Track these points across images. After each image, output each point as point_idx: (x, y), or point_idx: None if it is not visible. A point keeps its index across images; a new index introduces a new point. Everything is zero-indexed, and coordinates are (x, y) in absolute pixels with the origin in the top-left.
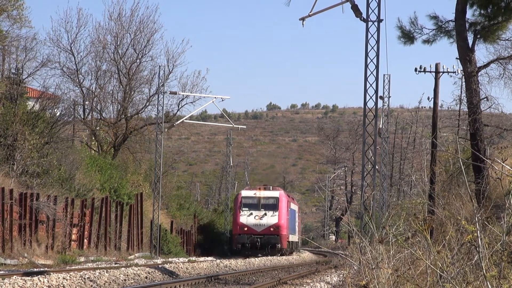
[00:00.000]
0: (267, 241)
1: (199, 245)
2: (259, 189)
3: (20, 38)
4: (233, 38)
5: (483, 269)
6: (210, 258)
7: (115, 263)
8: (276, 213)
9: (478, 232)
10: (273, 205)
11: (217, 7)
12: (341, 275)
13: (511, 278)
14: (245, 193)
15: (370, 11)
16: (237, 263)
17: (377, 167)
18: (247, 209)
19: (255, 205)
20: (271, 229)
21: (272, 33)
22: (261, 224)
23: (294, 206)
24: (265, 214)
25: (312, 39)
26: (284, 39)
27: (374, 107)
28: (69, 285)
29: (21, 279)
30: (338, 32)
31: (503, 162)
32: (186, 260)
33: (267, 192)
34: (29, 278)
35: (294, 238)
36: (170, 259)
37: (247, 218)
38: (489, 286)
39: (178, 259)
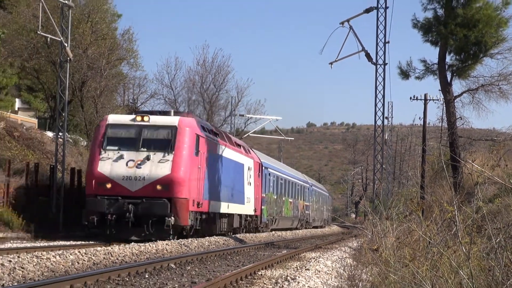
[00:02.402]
0: (147, 211)
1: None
2: (143, 114)
3: (135, 78)
4: (285, 75)
5: (459, 237)
6: None
7: None
8: (170, 157)
9: (456, 211)
10: (164, 142)
11: (270, 54)
12: (359, 242)
13: (478, 243)
14: (114, 118)
15: (378, 57)
16: (286, 234)
17: (383, 166)
18: (115, 147)
19: (131, 141)
20: (157, 186)
21: (311, 71)
22: (137, 177)
23: (240, 157)
24: (148, 158)
25: (338, 76)
26: (319, 75)
27: (381, 124)
28: (171, 249)
29: None
30: (356, 70)
31: (472, 162)
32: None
33: (156, 119)
34: None
35: (243, 209)
36: None
37: (111, 165)
38: (463, 249)
39: None
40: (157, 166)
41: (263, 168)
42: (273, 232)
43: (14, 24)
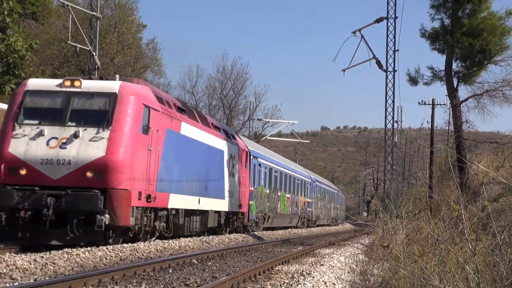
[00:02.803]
0: (72, 206)
1: None
2: (74, 78)
3: (159, 85)
4: (300, 81)
5: (466, 234)
6: None
7: None
8: (106, 134)
9: (462, 210)
10: (99, 114)
11: (287, 62)
12: (371, 239)
13: (484, 240)
14: (34, 83)
15: (388, 64)
16: (302, 231)
17: (393, 167)
18: (33, 121)
19: (56, 112)
20: (87, 173)
21: (325, 77)
22: (61, 160)
23: (219, 142)
24: (76, 135)
25: (351, 82)
26: (332, 81)
27: (391, 128)
28: (193, 246)
29: None
30: (367, 77)
31: (478, 164)
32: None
33: (90, 84)
34: None
35: (223, 206)
36: None
37: (27, 144)
38: (470, 246)
39: None
40: (87, 146)
41: (251, 157)
42: (266, 231)
43: (46, 34)
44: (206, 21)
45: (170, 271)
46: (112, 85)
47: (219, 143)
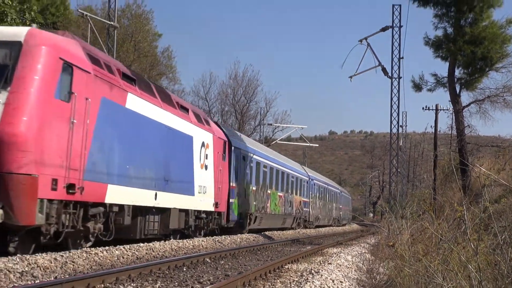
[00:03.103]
0: None
1: None
2: None
3: (174, 91)
4: (310, 86)
5: (468, 234)
6: None
7: None
8: (2, 96)
9: (465, 211)
10: None
11: (297, 68)
12: (377, 239)
13: (485, 240)
14: None
15: (393, 71)
16: (310, 231)
17: (398, 170)
18: None
19: None
20: None
21: (332, 83)
22: None
23: (187, 126)
24: None
25: (357, 88)
26: (339, 87)
27: (397, 132)
28: (206, 245)
29: None
30: (373, 83)
31: (480, 166)
32: None
33: None
34: None
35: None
36: None
37: None
38: (472, 245)
39: None
40: None
41: (233, 148)
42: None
43: None
44: (217, 26)
45: (184, 269)
46: (17, 32)
47: (187, 127)
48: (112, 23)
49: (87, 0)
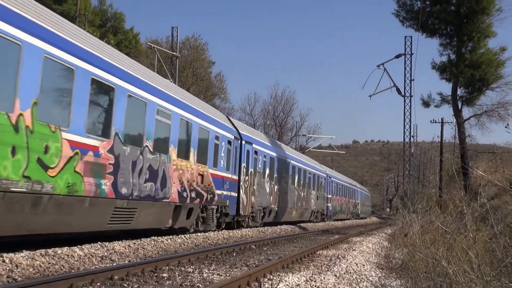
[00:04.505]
0: None
1: None
2: None
3: (225, 108)
4: (337, 103)
5: (468, 226)
6: None
7: None
8: None
9: (465, 206)
10: None
11: (326, 88)
12: (393, 229)
13: (483, 231)
14: None
15: (406, 91)
16: (337, 223)
17: (410, 172)
18: None
19: None
20: None
21: (356, 101)
22: None
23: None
24: None
25: (376, 104)
26: (361, 104)
27: (409, 141)
28: (252, 234)
29: None
30: (388, 101)
31: (477, 169)
32: None
33: None
34: None
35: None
36: None
37: None
38: (472, 235)
39: None
40: None
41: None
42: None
43: None
44: (262, 55)
45: (234, 254)
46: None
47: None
48: (174, 53)
49: (154, 34)
